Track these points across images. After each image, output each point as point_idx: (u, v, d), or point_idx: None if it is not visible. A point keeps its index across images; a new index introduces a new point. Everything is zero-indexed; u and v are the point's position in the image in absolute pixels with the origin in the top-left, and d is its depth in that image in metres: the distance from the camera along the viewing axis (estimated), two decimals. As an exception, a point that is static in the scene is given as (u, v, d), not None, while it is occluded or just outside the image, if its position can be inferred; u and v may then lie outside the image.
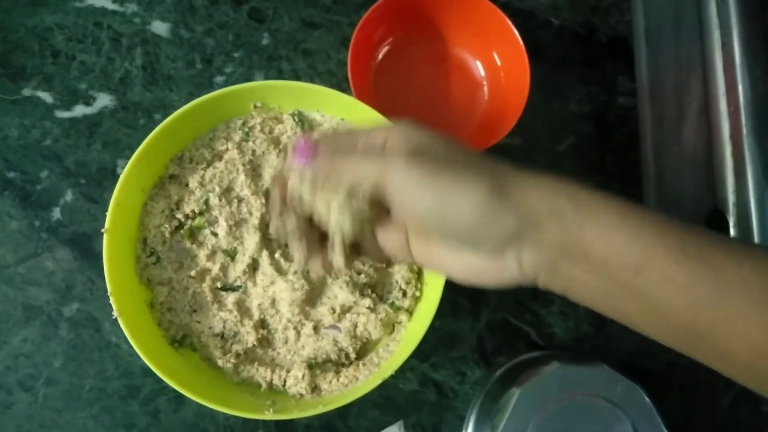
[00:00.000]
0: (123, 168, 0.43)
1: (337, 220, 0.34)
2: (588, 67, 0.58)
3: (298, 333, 0.45)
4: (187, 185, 0.46)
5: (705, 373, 0.54)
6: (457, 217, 0.30)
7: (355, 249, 0.37)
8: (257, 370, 0.44)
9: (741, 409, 0.54)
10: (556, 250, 0.29)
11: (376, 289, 0.47)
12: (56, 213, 0.53)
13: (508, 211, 0.29)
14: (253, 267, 0.46)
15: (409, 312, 0.46)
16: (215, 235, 0.46)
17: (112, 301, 0.42)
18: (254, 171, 0.47)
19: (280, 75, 0.56)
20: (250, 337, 0.45)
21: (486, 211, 0.29)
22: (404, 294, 0.46)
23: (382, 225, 0.36)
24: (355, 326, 0.45)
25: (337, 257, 0.36)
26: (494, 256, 0.31)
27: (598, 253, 0.28)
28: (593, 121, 0.57)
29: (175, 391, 0.41)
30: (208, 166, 0.47)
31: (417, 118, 0.54)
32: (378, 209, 0.35)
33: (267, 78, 0.56)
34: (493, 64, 0.55)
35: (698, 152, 0.45)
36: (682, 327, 0.29)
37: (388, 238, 0.36)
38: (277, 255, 0.46)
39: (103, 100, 0.55)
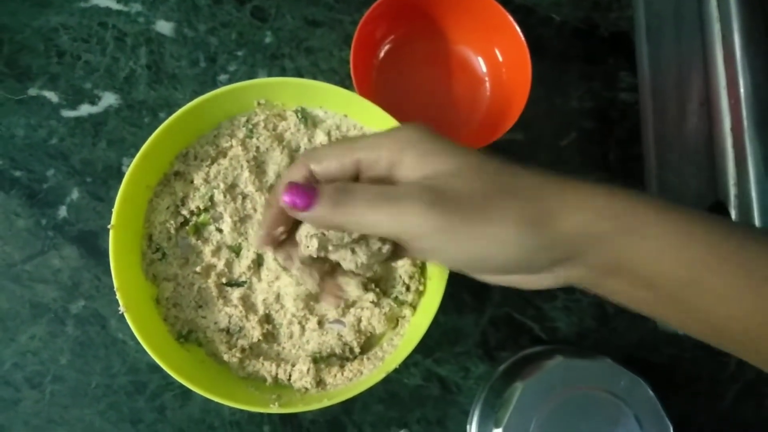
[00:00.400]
0: (128, 166, 0.43)
1: (355, 270, 0.33)
2: (589, 62, 0.58)
3: (303, 327, 0.46)
4: (192, 182, 0.46)
5: (709, 367, 0.54)
6: (492, 260, 0.28)
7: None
8: (262, 364, 0.45)
9: (745, 402, 0.54)
10: (599, 269, 0.28)
11: (379, 284, 0.47)
12: (62, 211, 0.53)
13: (547, 244, 0.28)
14: (258, 262, 0.46)
15: (413, 306, 0.47)
16: (220, 231, 0.46)
17: (118, 296, 0.42)
18: (258, 167, 0.47)
19: (283, 73, 0.56)
20: (255, 332, 0.45)
21: (522, 248, 0.28)
22: (408, 289, 0.47)
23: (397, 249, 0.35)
24: (359, 321, 0.46)
25: (355, 292, 0.37)
26: (535, 275, 0.30)
27: (644, 271, 0.28)
28: (595, 116, 0.58)
29: (181, 386, 0.42)
30: (212, 162, 0.47)
31: (419, 114, 0.55)
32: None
33: (270, 76, 0.56)
34: (495, 60, 0.55)
35: (700, 146, 0.45)
36: (733, 335, 0.28)
37: (405, 256, 0.35)
38: (281, 251, 0.46)
39: (108, 99, 0.55)
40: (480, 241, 0.27)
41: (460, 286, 0.52)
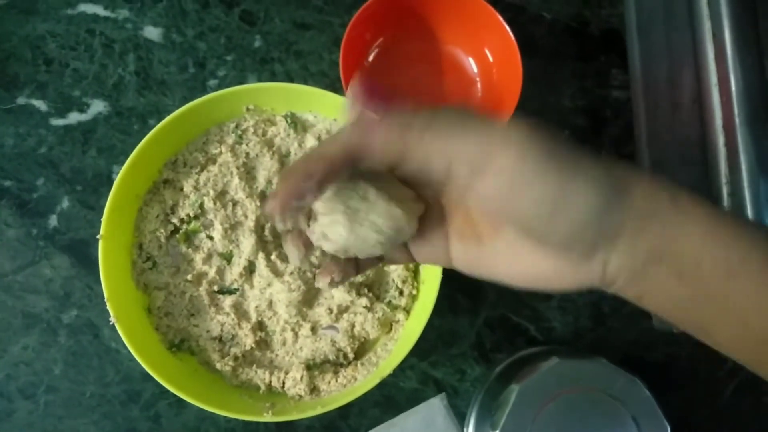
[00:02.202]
0: (118, 174, 0.43)
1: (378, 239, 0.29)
2: (581, 60, 0.58)
3: (296, 334, 0.45)
4: (181, 189, 0.46)
5: (706, 365, 0.54)
6: (572, 215, 0.26)
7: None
8: (256, 372, 0.44)
9: (742, 400, 0.54)
10: (648, 253, 0.27)
11: (372, 289, 0.47)
12: (53, 220, 0.53)
13: (621, 210, 0.26)
14: (250, 269, 0.46)
15: (407, 311, 0.47)
16: (211, 238, 0.46)
17: (109, 307, 0.42)
18: (248, 174, 0.47)
19: (273, 77, 0.56)
20: (248, 340, 0.45)
21: (605, 210, 0.26)
22: (401, 293, 0.46)
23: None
24: (353, 326, 0.46)
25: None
26: (581, 259, 0.28)
27: (692, 254, 0.26)
28: (587, 114, 0.57)
29: (175, 395, 0.42)
30: (202, 169, 0.47)
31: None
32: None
33: (260, 80, 0.56)
34: (485, 60, 0.55)
35: (692, 143, 0.45)
36: (765, 337, 0.27)
37: (426, 246, 0.31)
38: (273, 257, 0.46)
39: (97, 106, 0.55)
40: (568, 188, 0.26)
41: (454, 288, 0.52)
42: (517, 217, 0.27)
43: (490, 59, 0.54)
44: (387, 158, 0.28)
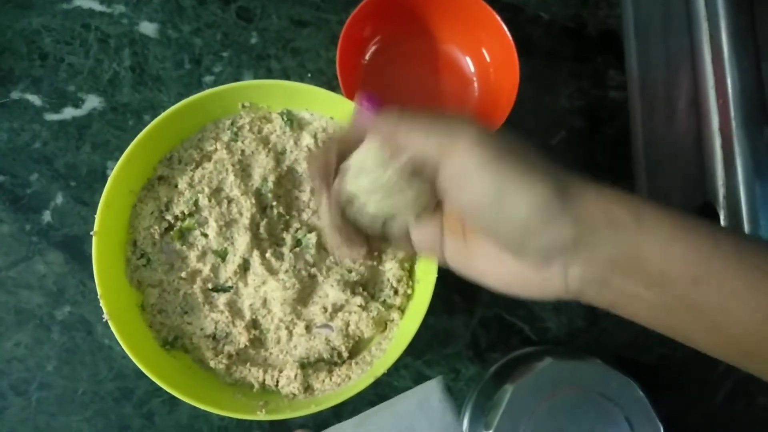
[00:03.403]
0: (113, 170, 0.43)
1: (401, 206, 0.31)
2: (578, 61, 0.58)
3: (290, 333, 0.45)
4: (176, 186, 0.46)
5: (700, 366, 0.54)
6: (512, 212, 0.27)
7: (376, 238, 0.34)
8: (249, 370, 0.44)
9: (736, 401, 0.54)
10: (609, 263, 0.27)
11: (367, 288, 0.46)
12: (47, 216, 0.53)
13: (566, 218, 0.27)
14: (244, 267, 0.46)
15: (401, 310, 0.46)
16: (205, 235, 0.46)
17: (102, 304, 0.42)
18: (243, 171, 0.47)
19: (270, 74, 0.56)
20: (242, 338, 0.45)
21: (544, 212, 0.27)
22: (396, 292, 0.46)
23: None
24: (347, 325, 0.45)
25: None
26: (539, 267, 0.29)
27: (656, 264, 0.27)
28: (584, 115, 0.57)
29: (169, 392, 0.41)
30: (197, 166, 0.46)
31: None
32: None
33: (256, 77, 0.56)
34: (483, 60, 0.54)
35: (688, 145, 0.45)
36: (739, 339, 0.27)
37: (422, 231, 0.33)
38: (268, 254, 0.45)
39: (92, 101, 0.54)
40: (506, 188, 0.27)
41: (449, 288, 0.52)
42: (466, 211, 0.29)
43: (488, 59, 0.54)
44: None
